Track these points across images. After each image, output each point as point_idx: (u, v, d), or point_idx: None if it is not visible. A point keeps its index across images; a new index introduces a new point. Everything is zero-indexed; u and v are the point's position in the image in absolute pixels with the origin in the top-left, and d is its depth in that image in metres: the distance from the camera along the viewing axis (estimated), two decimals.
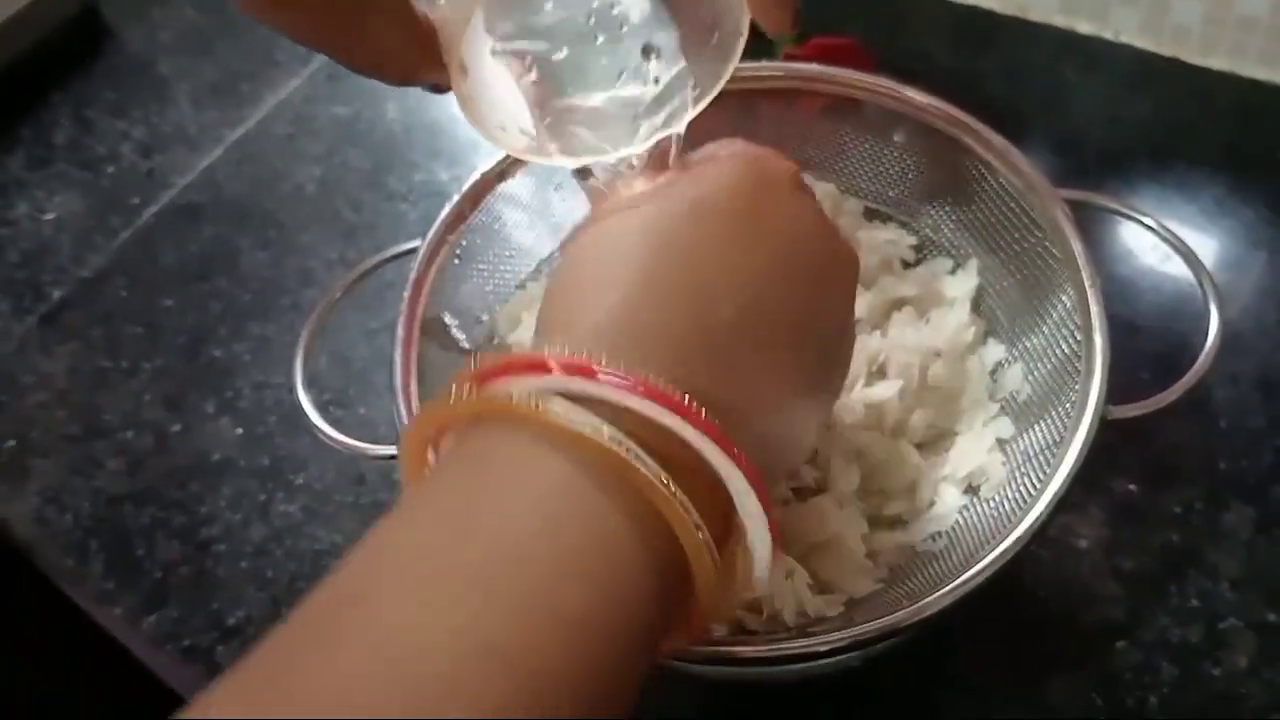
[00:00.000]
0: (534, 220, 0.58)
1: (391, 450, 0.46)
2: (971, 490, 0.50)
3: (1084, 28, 0.78)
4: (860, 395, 0.49)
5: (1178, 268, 0.65)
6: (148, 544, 0.63)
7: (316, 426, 0.48)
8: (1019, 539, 0.41)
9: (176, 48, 0.92)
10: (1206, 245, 0.68)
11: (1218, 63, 0.74)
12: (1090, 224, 0.51)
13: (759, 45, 0.75)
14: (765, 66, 0.57)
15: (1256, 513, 0.57)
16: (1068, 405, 0.46)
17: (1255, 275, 0.66)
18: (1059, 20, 0.78)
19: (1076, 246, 0.47)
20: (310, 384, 0.50)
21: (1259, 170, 0.70)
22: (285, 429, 0.67)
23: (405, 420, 0.46)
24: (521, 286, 0.59)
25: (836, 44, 0.70)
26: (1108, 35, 0.77)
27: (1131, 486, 0.58)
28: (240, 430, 0.68)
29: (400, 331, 0.49)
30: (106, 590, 0.61)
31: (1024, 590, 0.56)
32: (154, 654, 0.59)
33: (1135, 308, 0.64)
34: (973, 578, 0.41)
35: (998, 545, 0.41)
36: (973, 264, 0.55)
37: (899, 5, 0.83)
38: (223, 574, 0.61)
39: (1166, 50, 0.76)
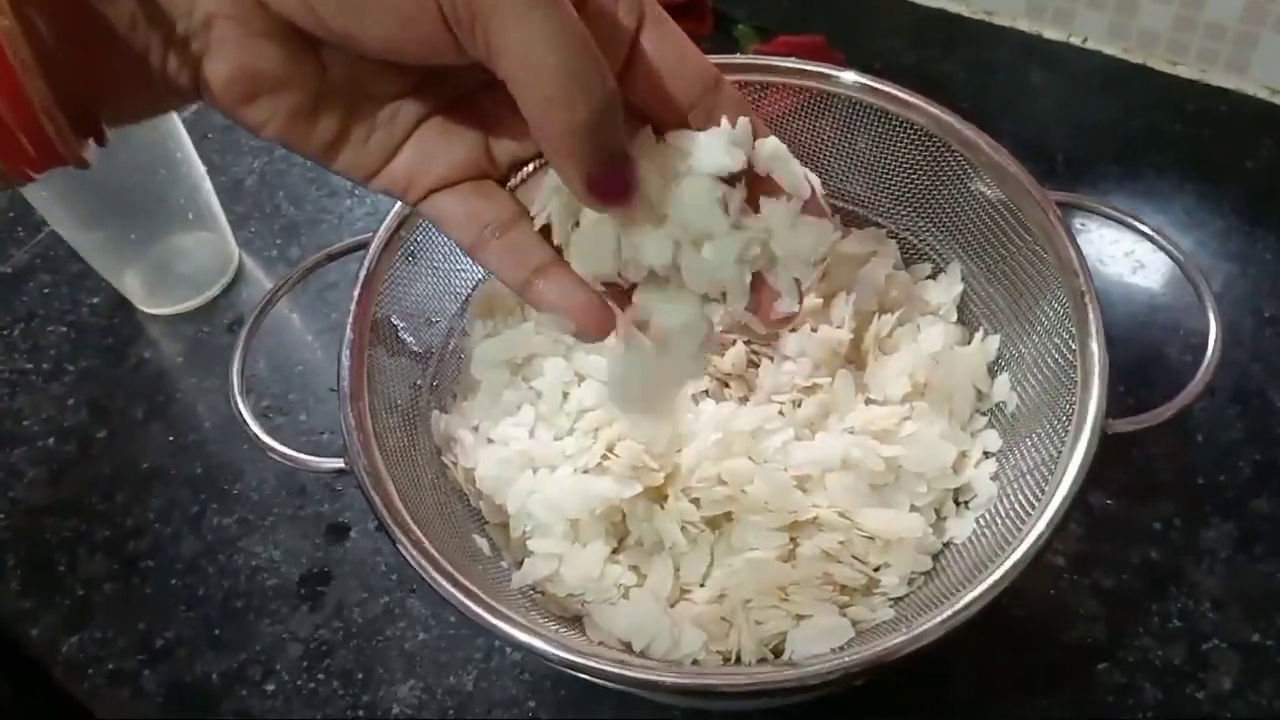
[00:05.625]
0: None
1: (339, 464, 0.42)
2: (960, 505, 0.46)
3: (1050, 32, 0.76)
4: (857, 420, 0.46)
5: (1160, 276, 0.64)
6: (69, 559, 0.58)
7: (257, 438, 0.43)
8: (1017, 564, 0.38)
9: None
10: None
11: (1186, 70, 0.73)
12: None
13: (723, 41, 0.73)
14: (732, 58, 0.54)
15: (1236, 529, 0.55)
16: (1063, 418, 0.43)
17: (1228, 286, 0.64)
18: (1025, 24, 0.76)
19: (1071, 252, 0.44)
20: (247, 390, 0.45)
21: (1229, 179, 0.69)
22: (220, 435, 0.62)
23: (355, 432, 0.41)
24: (488, 278, 0.54)
25: (803, 42, 0.67)
26: (1074, 40, 0.75)
27: (1109, 501, 0.56)
28: (171, 437, 0.63)
29: (350, 334, 0.44)
30: (24, 609, 0.57)
31: (999, 607, 0.53)
32: (75, 678, 0.54)
33: (1111, 316, 0.62)
34: (969, 605, 0.37)
35: (995, 569, 0.38)
36: (955, 269, 0.52)
37: (863, 5, 0.80)
38: (151, 592, 0.57)
39: (1134, 56, 0.74)
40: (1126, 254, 0.65)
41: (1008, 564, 0.38)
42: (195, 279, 0.68)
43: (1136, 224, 0.46)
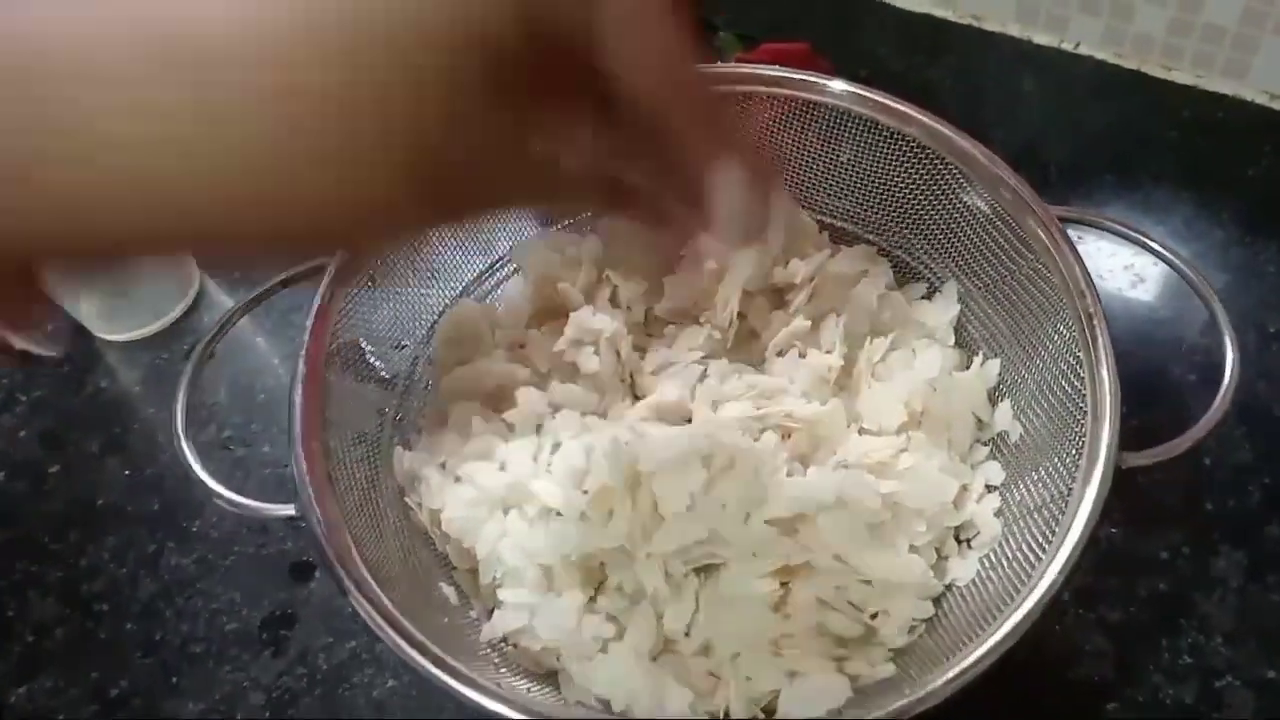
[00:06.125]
0: (461, 237, 0.50)
1: (291, 510, 0.38)
2: (963, 544, 0.43)
3: (1041, 38, 0.73)
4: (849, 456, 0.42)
5: (1161, 290, 0.61)
6: (19, 602, 0.55)
7: (203, 483, 0.40)
8: (1029, 613, 0.35)
9: None
10: None
11: (1181, 75, 0.70)
12: None
13: (705, 50, 0.69)
14: (713, 67, 0.51)
15: (1247, 557, 0.52)
16: (1072, 451, 0.39)
17: (1229, 300, 0.60)
18: (1015, 29, 0.73)
19: (1077, 271, 0.41)
20: (207, 420, 0.42)
21: (1227, 189, 0.66)
22: (178, 469, 0.57)
23: (307, 478, 0.38)
24: (456, 304, 0.51)
25: (789, 49, 0.63)
26: (1066, 46, 0.72)
27: (1113, 529, 0.53)
28: (128, 471, 0.59)
29: (301, 368, 0.40)
30: None
31: None
32: None
33: (1111, 333, 0.59)
34: (977, 661, 0.34)
35: (1005, 619, 0.35)
36: (951, 289, 0.49)
37: (850, 11, 0.77)
38: (105, 637, 0.54)
39: (1129, 62, 0.71)
40: (1125, 267, 0.62)
41: (1019, 614, 0.35)
42: (153, 303, 0.64)
43: (1149, 242, 0.43)
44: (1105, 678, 0.49)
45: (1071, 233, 0.43)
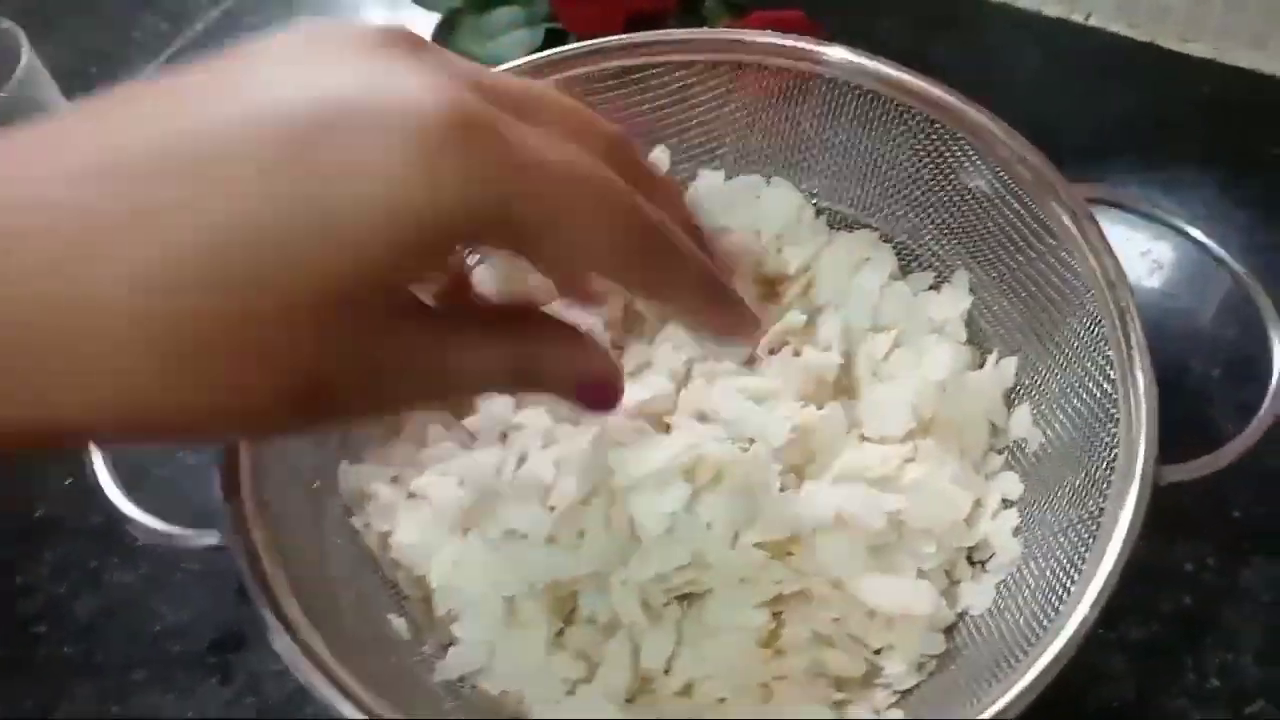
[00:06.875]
0: None
1: (215, 539, 0.33)
2: (976, 566, 0.38)
3: (1052, 9, 0.68)
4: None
5: (1182, 277, 0.57)
6: None
7: (113, 506, 0.35)
8: (1059, 655, 0.30)
9: (20, 24, 0.78)
10: None
11: (1200, 49, 0.65)
12: None
13: (690, 19, 0.65)
14: (699, 33, 0.46)
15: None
16: (1101, 464, 0.35)
17: None
18: (1024, 1, 0.68)
19: (1106, 259, 0.36)
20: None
21: (1251, 169, 0.61)
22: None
23: (231, 500, 0.33)
24: None
25: (781, 17, 0.58)
26: (1077, 18, 0.68)
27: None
28: (69, 479, 0.54)
29: None
30: None
31: None
32: None
33: None
34: (1001, 713, 0.29)
35: (1033, 662, 0.30)
36: (962, 278, 0.44)
37: None
38: (42, 660, 0.49)
39: (1143, 34, 0.66)
40: (1143, 253, 0.57)
41: (1049, 654, 0.30)
42: None
43: (1186, 229, 0.38)
44: (1125, 701, 0.44)
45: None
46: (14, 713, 0.48)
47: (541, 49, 0.48)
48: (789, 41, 0.45)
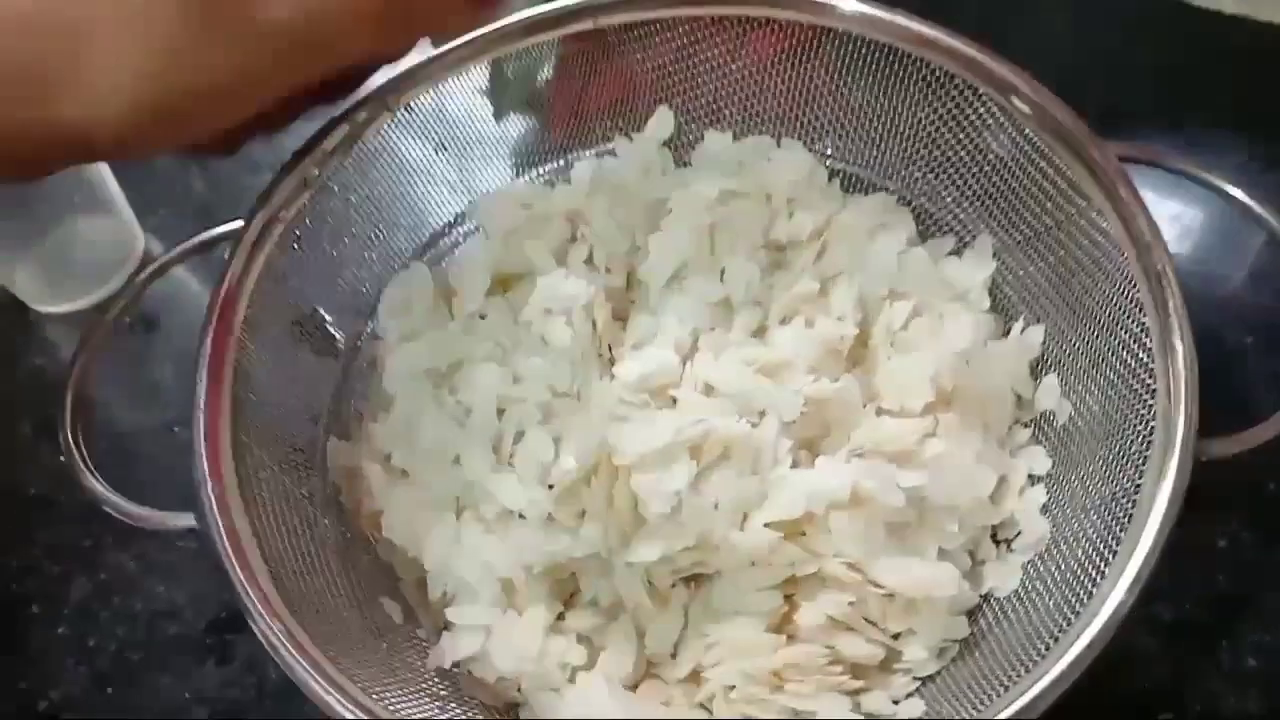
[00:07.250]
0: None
1: (190, 521, 0.32)
2: (1002, 545, 0.36)
3: None
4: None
5: (1214, 243, 0.55)
6: None
7: (87, 487, 0.33)
8: (1094, 641, 0.28)
9: None
10: None
11: (1231, 4, 0.62)
12: None
13: None
14: None
15: None
16: (1137, 438, 0.33)
17: None
18: None
19: (1142, 221, 0.34)
20: (149, 402, 0.36)
21: None
22: (119, 453, 0.53)
23: (209, 481, 0.31)
24: (405, 266, 0.45)
25: None
26: None
27: None
28: (63, 457, 0.53)
29: (208, 344, 0.34)
30: None
31: None
32: None
33: None
34: (1031, 704, 0.28)
35: (1065, 650, 0.28)
36: (985, 243, 0.42)
37: None
38: (35, 642, 0.49)
39: None
40: (1173, 218, 0.55)
41: (1082, 643, 0.28)
42: (94, 271, 0.58)
43: (1227, 189, 0.36)
44: (1158, 686, 0.43)
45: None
46: (8, 695, 0.48)
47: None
48: None
